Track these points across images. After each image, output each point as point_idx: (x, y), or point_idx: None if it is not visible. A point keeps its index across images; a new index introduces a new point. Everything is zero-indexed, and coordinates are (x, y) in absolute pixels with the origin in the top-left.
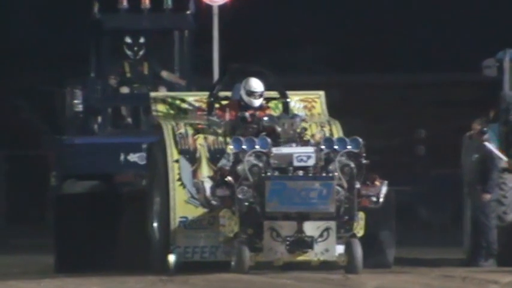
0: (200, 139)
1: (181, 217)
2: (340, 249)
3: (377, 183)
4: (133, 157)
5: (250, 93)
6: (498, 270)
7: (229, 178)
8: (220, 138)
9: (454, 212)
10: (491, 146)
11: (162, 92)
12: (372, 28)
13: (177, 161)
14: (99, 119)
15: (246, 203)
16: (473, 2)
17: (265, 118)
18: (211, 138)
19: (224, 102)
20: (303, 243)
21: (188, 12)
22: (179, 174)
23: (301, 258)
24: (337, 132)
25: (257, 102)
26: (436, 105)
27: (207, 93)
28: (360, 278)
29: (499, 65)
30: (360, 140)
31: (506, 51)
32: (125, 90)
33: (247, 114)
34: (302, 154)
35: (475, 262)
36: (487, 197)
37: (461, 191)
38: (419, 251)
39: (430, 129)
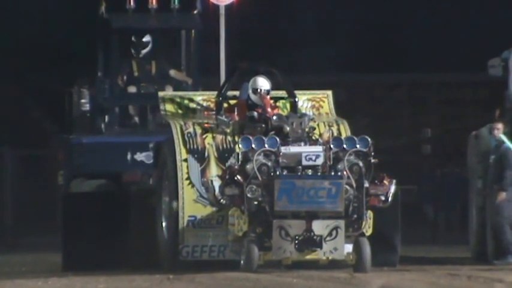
0: (209, 138)
1: (189, 216)
2: (348, 248)
3: (385, 182)
4: (140, 156)
5: (257, 91)
6: (503, 269)
7: (238, 177)
8: (229, 138)
9: (460, 210)
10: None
11: (171, 92)
12: (379, 28)
13: (185, 160)
14: (107, 118)
15: (255, 202)
16: (479, 2)
17: (274, 117)
18: (219, 137)
19: (232, 102)
20: (311, 242)
21: (195, 11)
22: (188, 173)
23: (309, 257)
24: (345, 131)
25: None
26: (441, 105)
27: (215, 92)
28: (366, 276)
29: (504, 64)
30: (369, 139)
31: (511, 50)
32: (132, 89)
33: (255, 113)
34: (311, 153)
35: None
36: (503, 195)
37: (467, 190)
38: (425, 249)
39: (436, 129)
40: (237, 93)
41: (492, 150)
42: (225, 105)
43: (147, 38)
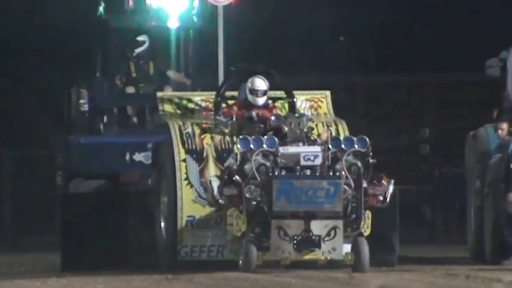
0: (207, 138)
1: (188, 216)
2: (347, 248)
3: (384, 182)
4: (139, 157)
5: (254, 92)
6: (501, 269)
7: (236, 177)
8: (227, 138)
9: (458, 210)
10: None
11: (169, 92)
12: (377, 28)
13: (184, 160)
14: (105, 118)
15: (254, 202)
16: (477, 2)
17: (272, 117)
18: (218, 137)
19: (231, 102)
20: (310, 242)
21: (193, 12)
22: (186, 173)
23: (308, 257)
24: (343, 131)
25: (261, 100)
26: (440, 105)
27: (213, 93)
28: (364, 276)
29: (502, 64)
30: (367, 139)
31: (509, 50)
32: (130, 90)
33: (253, 113)
34: (309, 153)
35: (498, 261)
36: (511, 196)
37: (465, 190)
38: (423, 249)
39: (434, 129)
40: (235, 93)
41: (496, 149)
42: (224, 105)
43: (142, 37)
